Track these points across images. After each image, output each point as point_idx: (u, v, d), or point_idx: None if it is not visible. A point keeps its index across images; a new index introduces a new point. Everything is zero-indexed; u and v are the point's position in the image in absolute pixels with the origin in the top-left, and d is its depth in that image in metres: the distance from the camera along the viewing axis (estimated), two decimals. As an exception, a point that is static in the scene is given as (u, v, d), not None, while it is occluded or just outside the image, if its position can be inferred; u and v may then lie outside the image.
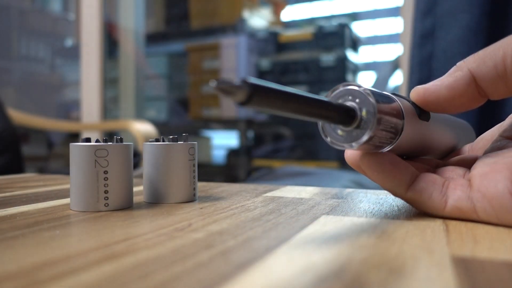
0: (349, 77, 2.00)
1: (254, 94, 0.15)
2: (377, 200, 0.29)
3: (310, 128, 2.01)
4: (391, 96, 0.23)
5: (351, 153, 0.23)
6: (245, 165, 2.11)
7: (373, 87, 0.22)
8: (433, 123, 0.25)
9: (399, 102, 0.22)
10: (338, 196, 0.31)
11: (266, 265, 0.15)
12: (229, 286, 0.13)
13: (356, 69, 2.13)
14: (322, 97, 0.20)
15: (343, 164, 1.94)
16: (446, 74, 0.23)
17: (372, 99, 0.20)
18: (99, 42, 1.50)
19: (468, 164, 0.25)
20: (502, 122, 0.25)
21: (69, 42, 2.35)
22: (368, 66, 2.72)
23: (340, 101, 0.21)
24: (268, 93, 0.16)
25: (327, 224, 0.21)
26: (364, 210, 0.25)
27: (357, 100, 0.21)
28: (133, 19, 1.91)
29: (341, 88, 0.21)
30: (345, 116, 0.20)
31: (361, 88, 0.21)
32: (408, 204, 0.27)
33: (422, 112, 0.24)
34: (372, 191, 0.33)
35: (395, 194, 0.23)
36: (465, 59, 0.22)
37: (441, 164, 0.27)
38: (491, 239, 0.18)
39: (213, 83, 0.15)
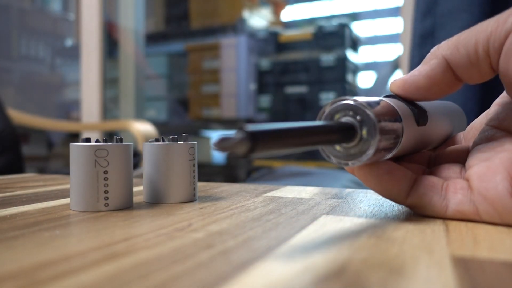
0: (349, 77, 2.00)
1: (257, 144, 0.15)
2: (377, 200, 0.29)
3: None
4: (386, 101, 0.22)
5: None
6: (245, 165, 2.11)
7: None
8: (431, 120, 0.25)
9: (396, 108, 0.22)
10: (338, 196, 0.31)
11: (266, 265, 0.15)
12: (229, 286, 0.13)
13: (356, 69, 2.13)
14: (321, 122, 0.19)
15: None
16: (422, 63, 0.23)
17: (370, 112, 0.20)
18: (99, 42, 1.50)
19: (461, 156, 0.25)
20: (487, 110, 0.25)
21: (69, 42, 2.35)
22: (368, 66, 2.72)
23: (337, 116, 0.21)
24: (270, 138, 0.15)
25: (327, 224, 0.21)
26: (364, 210, 0.25)
27: (351, 113, 0.21)
28: (133, 19, 1.91)
29: (332, 106, 0.21)
30: (346, 134, 0.20)
31: (357, 102, 0.20)
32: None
33: (420, 117, 0.24)
34: (372, 191, 0.33)
35: (395, 201, 0.23)
36: (439, 45, 0.23)
37: (433, 157, 0.27)
38: (491, 239, 0.18)
39: (213, 143, 0.15)
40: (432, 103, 0.27)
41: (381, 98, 0.23)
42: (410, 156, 0.26)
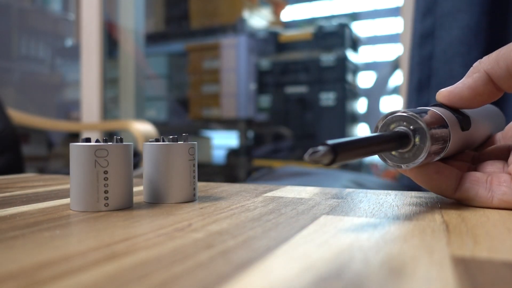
0: (349, 77, 2.00)
1: (338, 155, 0.18)
2: (377, 200, 0.29)
3: (310, 128, 2.02)
4: (433, 110, 0.25)
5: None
6: (245, 165, 2.11)
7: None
8: (473, 124, 0.28)
9: (443, 116, 0.25)
10: (338, 196, 0.31)
11: (266, 265, 0.15)
12: (229, 286, 0.13)
13: (356, 69, 2.13)
14: (381, 132, 0.23)
15: (342, 164, 1.94)
16: (466, 76, 0.26)
17: (421, 122, 0.23)
18: (99, 42, 1.50)
19: (503, 154, 0.28)
20: None
21: (69, 42, 2.35)
22: (368, 66, 2.71)
23: (392, 126, 0.24)
24: (347, 149, 0.19)
25: (327, 224, 0.21)
26: (364, 210, 0.25)
27: (404, 123, 0.24)
28: (133, 19, 1.91)
29: (388, 118, 0.25)
30: (402, 142, 0.23)
31: (409, 114, 0.24)
32: (408, 204, 0.27)
33: (464, 123, 0.26)
34: (372, 191, 0.33)
35: (445, 196, 0.26)
36: (480, 60, 0.25)
37: (477, 156, 0.29)
38: (491, 239, 0.18)
39: (305, 156, 0.19)
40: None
41: (428, 108, 0.26)
42: (456, 156, 0.29)
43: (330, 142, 0.18)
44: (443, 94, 0.26)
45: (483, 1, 0.54)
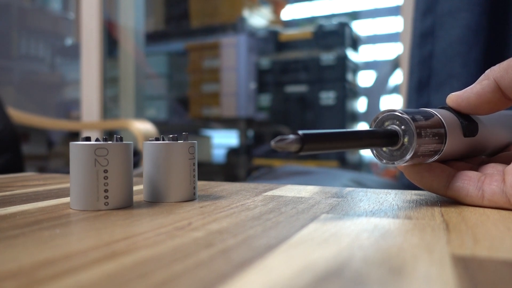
0: (349, 76, 2.00)
1: (305, 144, 0.20)
2: (377, 199, 0.29)
3: (310, 127, 2.02)
4: (432, 112, 0.25)
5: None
6: (245, 164, 2.11)
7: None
8: (486, 131, 0.27)
9: (443, 121, 0.25)
10: (338, 195, 0.31)
11: (266, 264, 0.15)
12: (229, 285, 0.13)
13: (356, 68, 2.13)
14: (366, 128, 0.24)
15: (343, 163, 1.94)
16: (476, 82, 0.26)
17: (411, 124, 0.24)
18: (99, 41, 1.50)
19: (509, 160, 0.27)
20: None
21: (69, 41, 2.35)
22: (368, 65, 2.71)
23: (386, 123, 0.25)
24: (315, 141, 0.20)
25: (327, 223, 0.21)
26: (364, 209, 0.25)
27: (397, 122, 0.25)
28: (133, 18, 1.91)
29: (380, 116, 0.25)
30: (389, 139, 0.24)
31: (403, 114, 0.24)
32: (408, 204, 0.27)
33: (467, 130, 0.26)
34: (372, 190, 0.33)
35: (438, 194, 0.27)
36: (492, 68, 0.25)
37: (486, 161, 0.29)
38: (491, 239, 0.18)
39: (271, 142, 0.20)
40: (493, 114, 0.29)
41: (432, 110, 0.26)
42: (465, 160, 0.29)
43: (301, 132, 0.20)
44: (451, 98, 0.27)
45: (483, 1, 0.54)
